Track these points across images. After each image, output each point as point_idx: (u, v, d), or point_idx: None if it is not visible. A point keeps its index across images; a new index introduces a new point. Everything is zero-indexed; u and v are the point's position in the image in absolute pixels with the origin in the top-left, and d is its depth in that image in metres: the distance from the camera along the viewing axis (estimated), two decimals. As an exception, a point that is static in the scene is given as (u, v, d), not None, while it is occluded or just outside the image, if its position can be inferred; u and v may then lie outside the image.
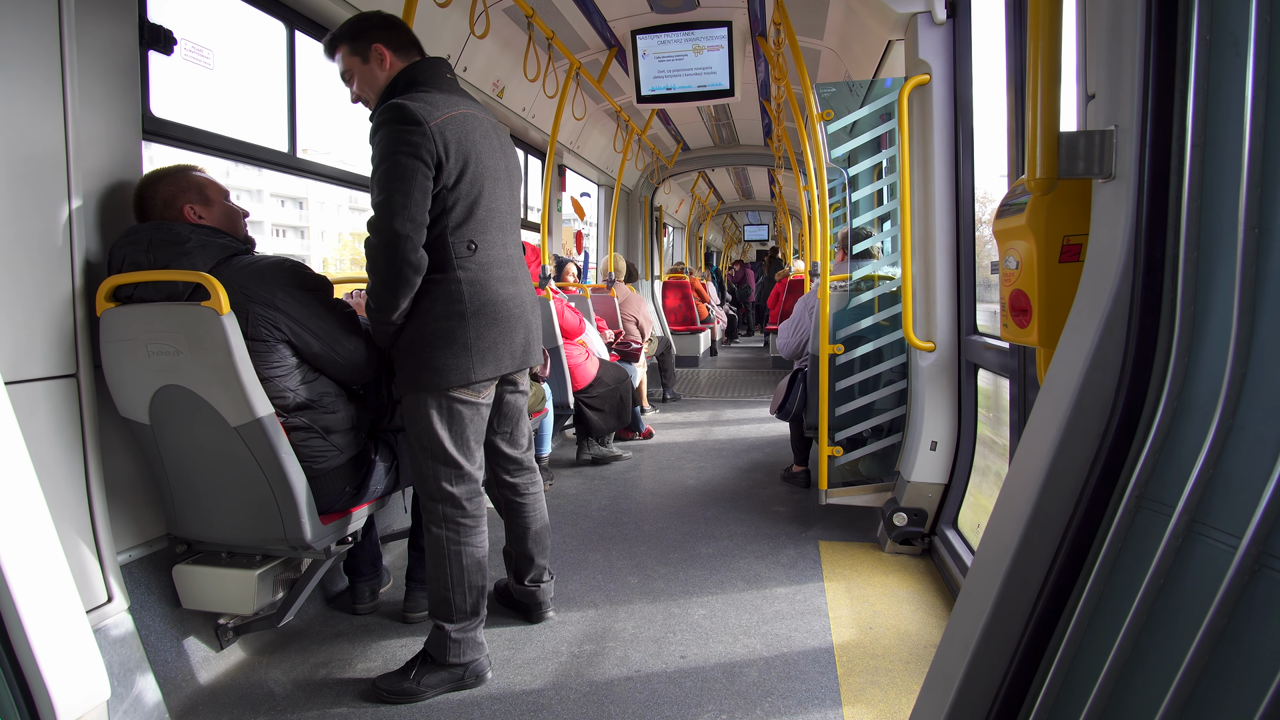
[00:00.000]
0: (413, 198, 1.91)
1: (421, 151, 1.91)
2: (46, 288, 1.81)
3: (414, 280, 1.97)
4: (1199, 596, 0.93)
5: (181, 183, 2.02)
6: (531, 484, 2.47)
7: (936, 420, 3.08)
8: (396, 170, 1.90)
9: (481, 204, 2.07)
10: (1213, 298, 0.99)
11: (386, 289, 1.96)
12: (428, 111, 1.93)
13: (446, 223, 2.01)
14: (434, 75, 2.09)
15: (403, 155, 1.90)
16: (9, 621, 1.33)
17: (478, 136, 2.07)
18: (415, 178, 1.91)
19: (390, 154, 1.90)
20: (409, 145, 1.90)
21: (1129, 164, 1.09)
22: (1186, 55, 1.02)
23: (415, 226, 1.93)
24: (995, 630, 1.20)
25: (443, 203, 1.99)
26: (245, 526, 2.06)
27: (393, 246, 1.91)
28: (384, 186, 1.90)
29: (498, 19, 3.90)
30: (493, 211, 2.11)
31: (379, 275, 1.95)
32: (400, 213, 1.90)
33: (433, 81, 2.07)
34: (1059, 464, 1.14)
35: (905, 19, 3.01)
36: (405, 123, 1.90)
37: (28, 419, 1.70)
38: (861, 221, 3.39)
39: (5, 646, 1.32)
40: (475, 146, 2.04)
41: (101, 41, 1.95)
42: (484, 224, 2.09)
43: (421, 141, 1.91)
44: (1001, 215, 1.46)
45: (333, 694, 2.14)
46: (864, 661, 2.27)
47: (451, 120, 1.98)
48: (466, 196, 2.03)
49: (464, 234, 2.04)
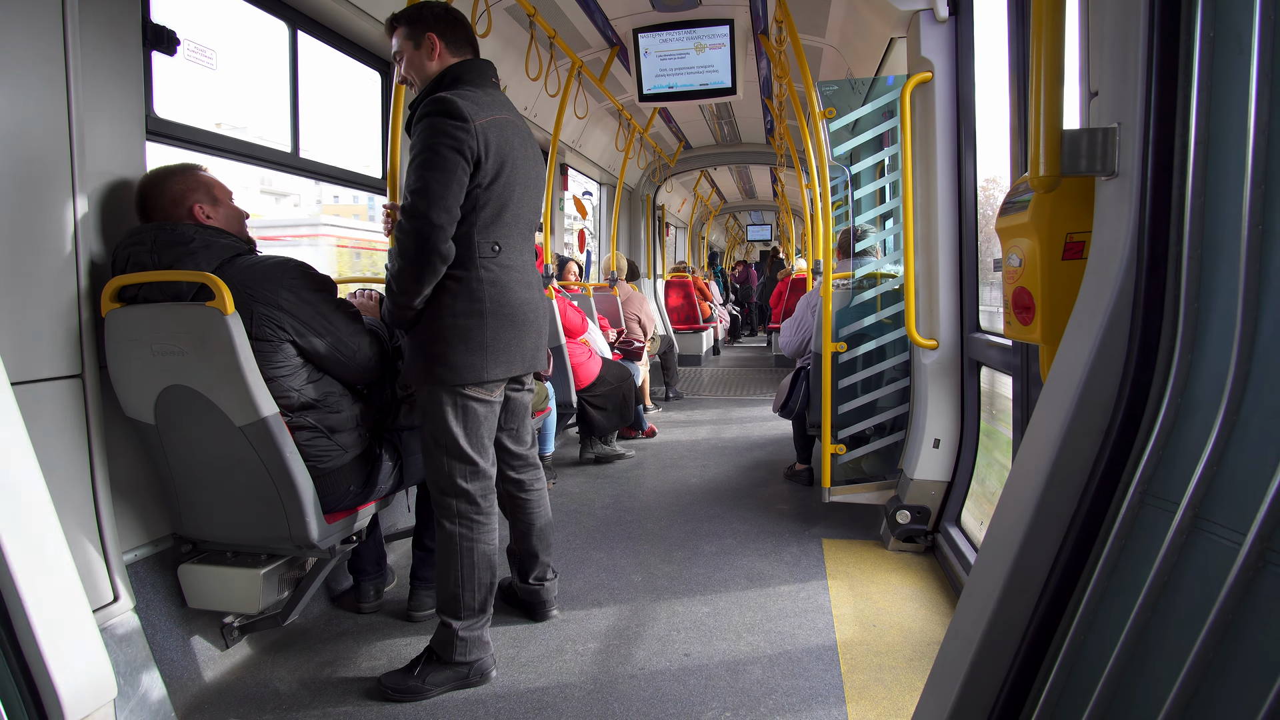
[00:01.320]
0: (450, 189, 1.93)
1: (464, 147, 1.93)
2: (52, 289, 1.82)
3: (440, 269, 1.98)
4: (1203, 593, 0.93)
5: (190, 181, 2.02)
6: (536, 480, 2.48)
7: (939, 418, 3.08)
8: (437, 160, 1.92)
9: (510, 208, 2.10)
10: (1216, 295, 0.99)
11: (412, 275, 1.97)
12: (474, 110, 1.96)
13: (475, 221, 2.03)
14: (480, 77, 2.12)
15: (445, 148, 1.92)
16: (16, 621, 1.33)
17: (516, 143, 2.10)
18: (455, 171, 1.93)
19: (432, 144, 1.92)
20: (452, 139, 1.92)
21: (1132, 161, 1.09)
22: (1190, 52, 1.02)
23: (449, 218, 1.95)
24: (999, 627, 1.20)
25: (474, 201, 2.01)
26: (250, 526, 2.07)
27: (425, 234, 1.92)
28: (422, 175, 1.92)
29: (499, 18, 3.90)
30: (518, 217, 2.14)
31: (407, 259, 1.96)
32: (438, 202, 1.92)
33: (478, 82, 2.10)
34: (1062, 461, 1.14)
35: (907, 16, 3.01)
36: (451, 117, 1.93)
37: (34, 420, 1.70)
38: (864, 219, 3.39)
39: (13, 645, 1.33)
40: (513, 152, 2.08)
41: (105, 42, 1.95)
42: (509, 228, 2.11)
43: (465, 138, 1.93)
44: (1004, 213, 1.46)
45: (338, 692, 2.14)
46: (867, 659, 2.28)
47: (494, 123, 2.01)
48: (498, 199, 2.05)
49: (490, 234, 2.06)
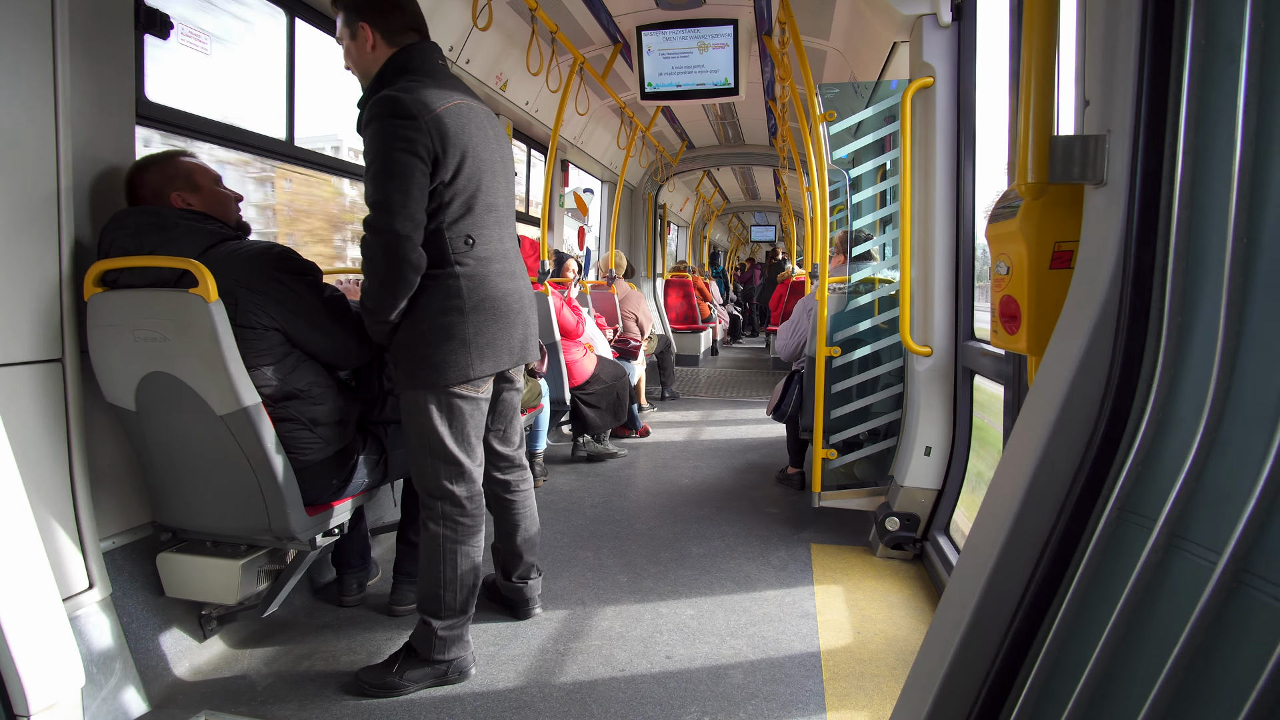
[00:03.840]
0: (411, 196, 1.85)
1: (418, 147, 1.84)
2: (33, 271, 1.80)
3: (413, 280, 1.92)
4: (1177, 611, 0.92)
5: (170, 170, 2.00)
6: (522, 481, 2.46)
7: (931, 425, 3.06)
8: (393, 168, 1.83)
9: (479, 198, 2.02)
10: (1200, 307, 0.97)
11: (385, 289, 1.91)
12: (422, 105, 1.86)
13: (443, 218, 1.95)
14: (425, 62, 2.00)
15: (399, 152, 1.83)
16: (-18, 606, 1.32)
17: (473, 128, 1.99)
18: (413, 175, 1.85)
19: (385, 150, 1.84)
20: (404, 141, 1.83)
21: (1121, 170, 1.08)
22: (1181, 60, 1.01)
23: (415, 226, 1.88)
24: (975, 636, 1.18)
25: (440, 198, 1.93)
26: (230, 516, 2.06)
27: (392, 247, 1.85)
28: (381, 184, 1.84)
29: (501, 11, 3.88)
30: (490, 206, 2.06)
31: (377, 276, 1.89)
32: (400, 212, 1.84)
33: (424, 69, 1.99)
34: (1042, 473, 1.12)
35: (910, 21, 2.99)
36: (400, 117, 1.84)
37: (11, 403, 1.70)
38: (863, 224, 3.37)
39: (-22, 631, 1.32)
40: (472, 139, 1.98)
41: (96, 23, 1.93)
42: (481, 218, 2.03)
43: (417, 136, 1.84)
44: (994, 219, 1.45)
45: (315, 686, 2.13)
46: (850, 666, 2.26)
47: (447, 112, 1.91)
48: (464, 191, 1.97)
49: (461, 229, 1.99)
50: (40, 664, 1.37)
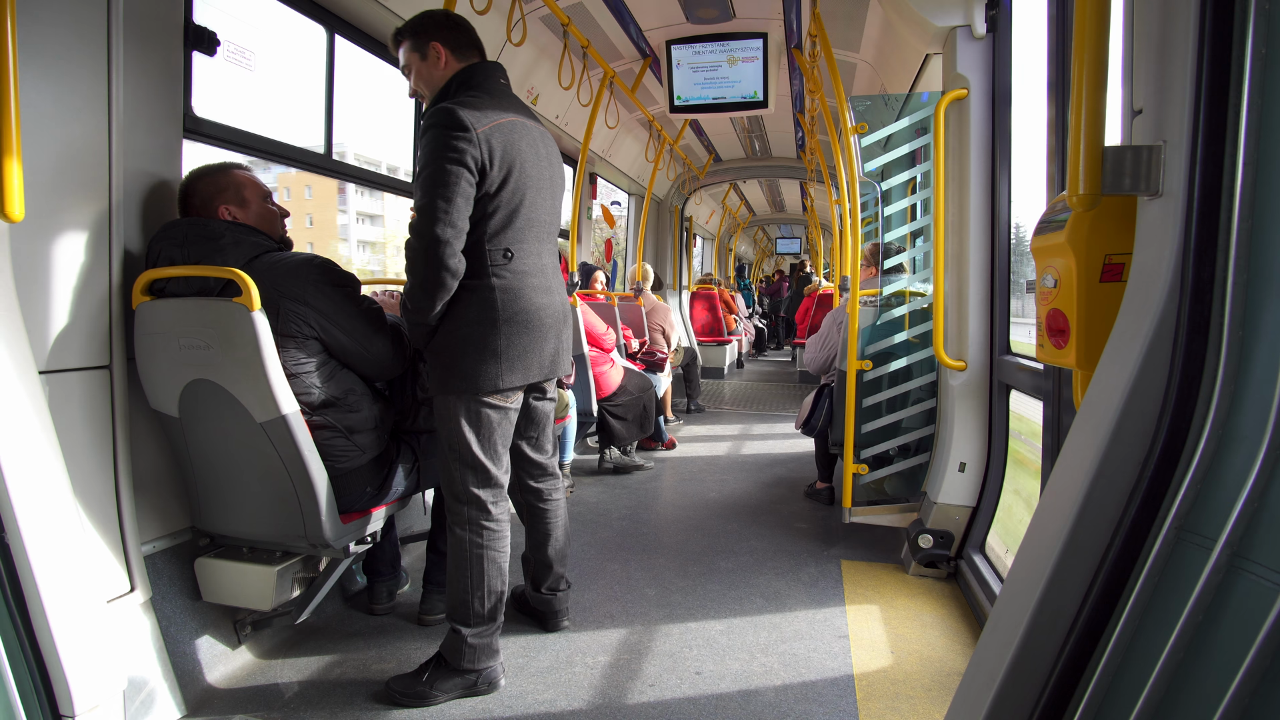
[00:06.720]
0: (455, 204, 1.92)
1: (466, 158, 1.91)
2: (85, 280, 1.86)
3: (451, 285, 1.97)
4: (1239, 635, 0.88)
5: (220, 182, 2.06)
6: (554, 490, 2.46)
7: (966, 441, 3.01)
8: (441, 175, 1.91)
9: (521, 212, 2.07)
10: (1263, 321, 0.94)
11: (424, 292, 1.96)
12: (476, 117, 1.94)
13: (485, 229, 2.01)
14: (487, 79, 2.10)
15: (448, 160, 1.90)
16: (32, 609, 1.35)
17: (524, 145, 2.07)
18: (459, 184, 1.91)
19: (436, 158, 1.91)
20: (455, 150, 1.90)
21: (1178, 181, 1.05)
22: (1241, 69, 0.98)
23: (456, 232, 1.94)
24: (1024, 663, 1.15)
25: (483, 209, 2.00)
26: (267, 522, 2.08)
27: (433, 251, 1.91)
28: (428, 190, 1.91)
29: (534, 26, 3.93)
30: (531, 221, 2.11)
31: (417, 278, 1.96)
32: (443, 218, 1.90)
33: (485, 86, 2.08)
34: (1096, 492, 1.09)
35: (944, 33, 2.97)
36: (453, 128, 1.91)
37: (60, 408, 1.74)
38: (893, 236, 3.34)
39: (28, 633, 1.34)
40: (521, 154, 2.05)
41: (148, 41, 1.99)
42: (522, 232, 2.09)
43: (467, 148, 1.91)
44: (1040, 232, 1.42)
45: (345, 693, 2.14)
46: (884, 687, 2.21)
47: (499, 127, 1.99)
48: (507, 204, 2.03)
49: (501, 241, 2.04)
50: (85, 665, 1.39)
